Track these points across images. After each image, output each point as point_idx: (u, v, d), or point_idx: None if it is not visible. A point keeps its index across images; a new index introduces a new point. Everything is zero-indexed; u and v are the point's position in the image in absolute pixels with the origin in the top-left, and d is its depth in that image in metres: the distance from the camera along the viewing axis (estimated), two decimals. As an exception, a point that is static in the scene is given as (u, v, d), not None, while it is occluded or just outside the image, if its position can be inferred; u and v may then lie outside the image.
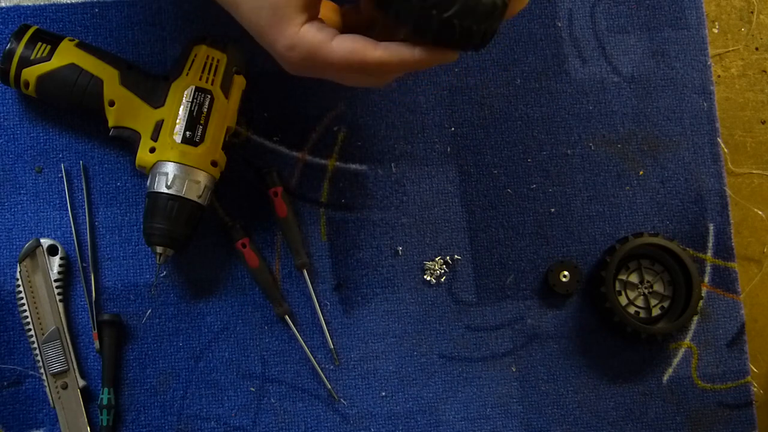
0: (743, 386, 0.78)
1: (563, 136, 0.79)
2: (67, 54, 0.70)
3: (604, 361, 0.77)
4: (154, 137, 0.70)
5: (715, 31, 0.82)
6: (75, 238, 0.74)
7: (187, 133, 0.70)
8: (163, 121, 0.70)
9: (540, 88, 0.80)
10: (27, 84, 0.71)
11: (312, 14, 0.54)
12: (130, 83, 0.70)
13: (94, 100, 0.70)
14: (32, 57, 0.70)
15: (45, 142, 0.76)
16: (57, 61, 0.70)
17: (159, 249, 0.70)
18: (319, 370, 0.75)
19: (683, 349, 0.78)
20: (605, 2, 0.81)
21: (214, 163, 0.71)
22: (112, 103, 0.70)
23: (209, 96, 0.71)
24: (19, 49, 0.70)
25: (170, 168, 0.69)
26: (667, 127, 0.80)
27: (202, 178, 0.70)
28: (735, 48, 0.82)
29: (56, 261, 0.73)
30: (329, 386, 0.75)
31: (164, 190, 0.69)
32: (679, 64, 0.81)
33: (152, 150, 0.70)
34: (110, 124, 0.71)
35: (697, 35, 0.81)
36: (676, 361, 0.78)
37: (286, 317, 0.75)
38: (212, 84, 0.71)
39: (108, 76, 0.70)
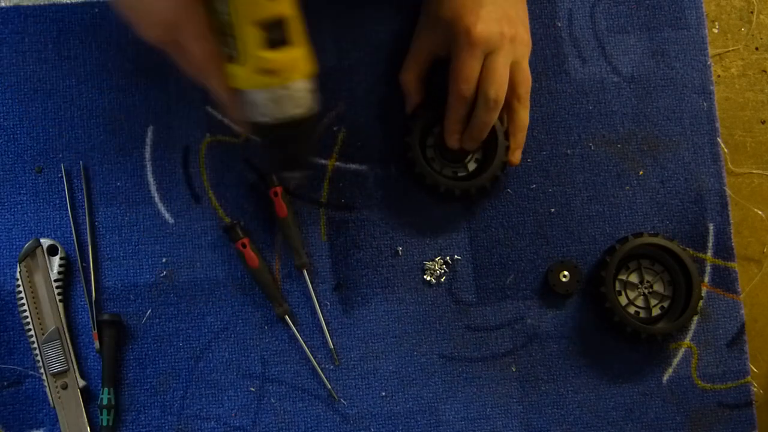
0: (743, 386, 0.78)
1: (563, 136, 0.79)
2: None
3: (604, 361, 0.77)
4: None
5: (715, 31, 0.82)
6: (75, 238, 0.74)
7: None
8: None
9: (540, 88, 0.80)
10: None
11: None
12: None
13: None
14: None
15: (45, 142, 0.76)
16: None
17: (296, 173, 0.63)
18: (319, 370, 0.75)
19: (683, 349, 0.78)
20: (605, 2, 0.81)
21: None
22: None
23: None
24: None
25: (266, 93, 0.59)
26: (667, 127, 0.80)
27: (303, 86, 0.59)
28: (735, 48, 0.82)
29: (56, 261, 0.73)
30: (329, 386, 0.75)
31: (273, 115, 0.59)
32: (679, 64, 0.81)
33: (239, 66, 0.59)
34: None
35: (697, 35, 0.81)
36: (676, 361, 0.78)
37: (286, 317, 0.75)
38: None
39: None
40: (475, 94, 0.70)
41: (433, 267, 0.77)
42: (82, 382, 0.73)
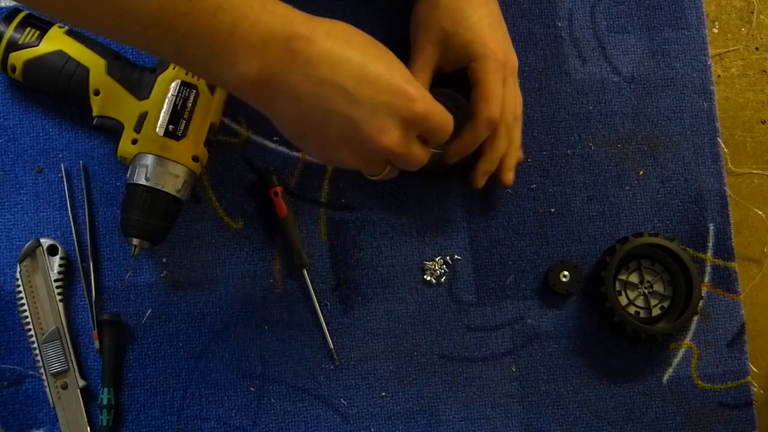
0: (743, 386, 0.78)
1: (563, 136, 0.79)
2: (55, 40, 0.71)
3: (604, 361, 0.77)
4: (137, 129, 0.70)
5: (715, 31, 0.82)
6: (75, 238, 0.74)
7: (170, 126, 0.70)
8: (147, 113, 0.70)
9: (540, 88, 0.80)
10: (14, 68, 0.71)
11: None
12: (116, 73, 0.71)
13: (80, 88, 0.70)
14: (20, 41, 0.70)
15: (45, 142, 0.76)
16: (45, 47, 0.70)
17: (135, 241, 0.70)
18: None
19: (683, 349, 0.78)
20: (605, 2, 0.81)
21: (195, 158, 0.71)
22: (97, 93, 0.70)
23: (194, 90, 0.71)
24: (8, 33, 0.70)
25: (150, 160, 0.69)
26: (667, 127, 0.80)
27: (182, 172, 0.70)
28: (735, 48, 0.82)
29: (56, 261, 0.73)
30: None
31: (143, 182, 0.69)
32: (679, 64, 0.81)
33: (134, 141, 0.70)
34: (94, 113, 0.71)
35: (697, 35, 0.81)
36: (676, 361, 0.78)
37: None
38: (198, 79, 0.71)
39: (95, 64, 0.70)
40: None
41: (433, 267, 0.77)
42: (82, 382, 0.73)
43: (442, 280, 0.77)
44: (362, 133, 0.57)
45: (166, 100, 0.70)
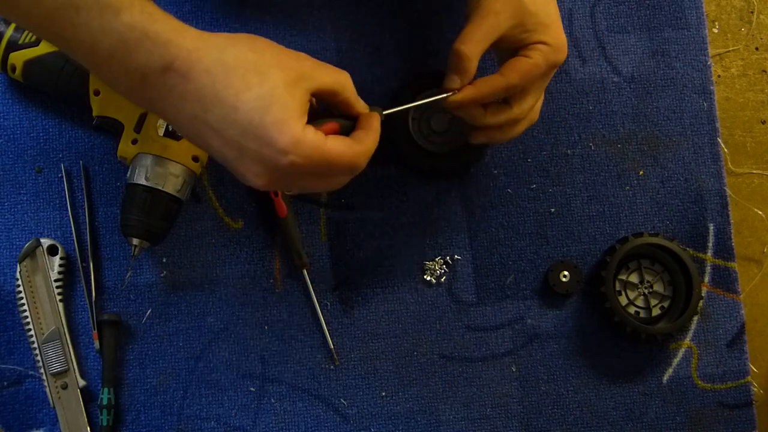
0: (743, 386, 0.78)
1: (563, 136, 0.79)
2: None
3: (604, 361, 0.77)
4: (137, 129, 0.70)
5: (715, 31, 0.82)
6: (75, 238, 0.74)
7: (170, 126, 0.70)
8: (147, 113, 0.70)
9: (540, 88, 0.79)
10: (14, 68, 0.71)
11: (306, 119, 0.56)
12: None
13: (80, 88, 0.70)
14: (20, 41, 0.70)
15: (45, 142, 0.76)
16: (45, 47, 0.70)
17: (135, 241, 0.70)
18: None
19: (683, 349, 0.78)
20: (605, 2, 0.81)
21: (195, 158, 0.71)
22: (97, 93, 0.70)
23: None
24: (8, 33, 0.70)
25: (150, 160, 0.69)
26: (667, 127, 0.80)
27: (182, 172, 0.70)
28: (735, 48, 0.82)
29: (56, 261, 0.73)
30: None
31: (143, 182, 0.69)
32: (679, 64, 0.81)
33: (134, 141, 0.70)
34: (94, 113, 0.71)
35: (697, 35, 0.81)
36: (676, 361, 0.78)
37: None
38: None
39: None
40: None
41: (433, 267, 0.77)
42: (82, 382, 0.73)
43: (442, 280, 0.77)
44: (237, 172, 0.56)
45: None
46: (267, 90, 0.53)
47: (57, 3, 0.50)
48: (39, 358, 0.72)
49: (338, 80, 0.58)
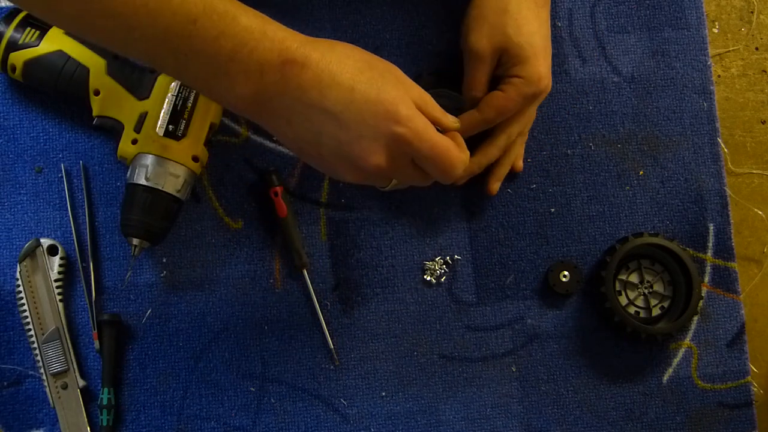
0: (743, 386, 0.78)
1: (563, 136, 0.79)
2: (55, 40, 0.71)
3: (604, 361, 0.77)
4: (137, 129, 0.70)
5: (715, 31, 0.82)
6: (75, 238, 0.74)
7: (170, 126, 0.70)
8: (147, 113, 0.70)
9: (540, 88, 0.79)
10: (14, 68, 0.71)
11: None
12: (116, 73, 0.71)
13: (80, 88, 0.70)
14: (20, 41, 0.70)
15: (45, 142, 0.76)
16: (45, 47, 0.70)
17: (135, 241, 0.70)
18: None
19: (683, 349, 0.78)
20: (605, 2, 0.81)
21: (195, 158, 0.71)
22: (97, 93, 0.70)
23: (194, 91, 0.71)
24: (8, 33, 0.70)
25: (150, 160, 0.69)
26: (667, 127, 0.80)
27: (182, 172, 0.70)
28: (735, 48, 0.82)
29: (56, 261, 0.73)
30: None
31: (143, 182, 0.69)
32: (679, 64, 0.81)
33: (134, 141, 0.70)
34: (94, 113, 0.71)
35: (697, 35, 0.81)
36: (676, 361, 0.78)
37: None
38: None
39: (95, 64, 0.70)
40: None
41: (433, 267, 0.77)
42: (82, 382, 0.73)
43: (442, 280, 0.77)
44: (352, 155, 0.58)
45: (166, 100, 0.70)
46: (378, 74, 0.58)
47: (174, 18, 0.52)
48: (39, 358, 0.72)
49: (423, 95, 0.61)
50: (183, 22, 0.53)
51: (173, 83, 0.70)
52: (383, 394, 0.76)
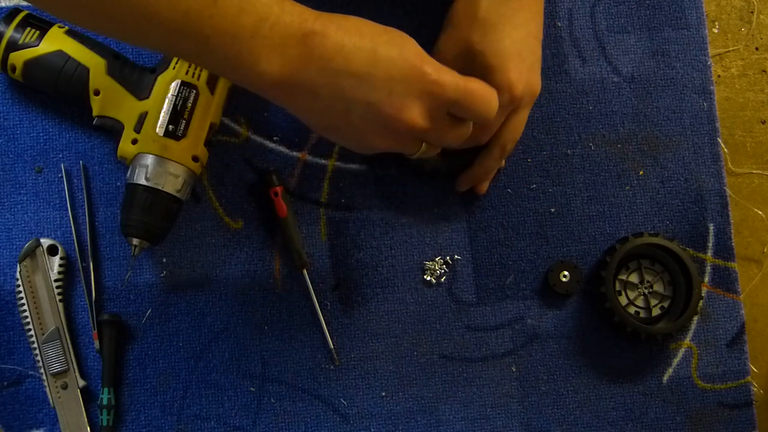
0: (743, 386, 0.78)
1: (563, 136, 0.79)
2: (55, 40, 0.71)
3: (604, 361, 0.77)
4: (137, 129, 0.70)
5: (715, 31, 0.82)
6: (75, 238, 0.74)
7: (170, 126, 0.70)
8: (147, 113, 0.70)
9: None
10: (14, 68, 0.71)
11: None
12: (116, 73, 0.71)
13: (80, 88, 0.70)
14: (20, 41, 0.70)
15: (45, 142, 0.76)
16: (45, 47, 0.70)
17: (135, 241, 0.70)
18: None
19: (683, 349, 0.78)
20: (605, 2, 0.81)
21: (195, 158, 0.71)
22: (97, 92, 0.70)
23: (194, 91, 0.71)
24: (8, 33, 0.70)
25: (150, 160, 0.69)
26: (667, 127, 0.80)
27: (182, 172, 0.70)
28: (735, 48, 0.82)
29: (56, 261, 0.73)
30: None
31: (143, 182, 0.69)
32: (679, 64, 0.81)
33: (134, 141, 0.70)
34: (94, 113, 0.71)
35: (697, 35, 0.81)
36: (676, 361, 0.78)
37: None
38: (198, 79, 0.71)
39: (95, 64, 0.70)
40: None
41: (433, 267, 0.77)
42: (82, 382, 0.73)
43: (442, 280, 0.77)
44: (383, 114, 0.58)
45: (166, 100, 0.70)
46: (396, 35, 0.59)
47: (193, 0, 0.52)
48: (39, 358, 0.72)
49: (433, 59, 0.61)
50: (203, 3, 0.53)
51: (173, 83, 0.70)
52: (383, 394, 0.76)
